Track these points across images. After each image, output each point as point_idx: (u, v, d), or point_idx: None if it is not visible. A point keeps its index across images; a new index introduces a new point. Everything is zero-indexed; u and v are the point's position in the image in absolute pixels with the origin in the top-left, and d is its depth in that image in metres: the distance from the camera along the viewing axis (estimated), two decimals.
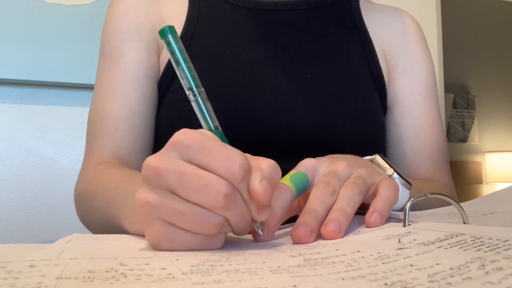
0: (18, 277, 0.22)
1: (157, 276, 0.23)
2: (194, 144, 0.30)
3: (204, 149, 0.30)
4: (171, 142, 0.31)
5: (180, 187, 0.29)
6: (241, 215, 0.31)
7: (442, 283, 0.20)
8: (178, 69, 0.36)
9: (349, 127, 0.63)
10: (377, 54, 0.71)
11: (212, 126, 0.36)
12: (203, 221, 0.30)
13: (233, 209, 0.30)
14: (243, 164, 0.30)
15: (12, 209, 1.44)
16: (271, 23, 0.67)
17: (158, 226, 0.31)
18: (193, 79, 0.36)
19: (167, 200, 0.30)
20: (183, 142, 0.30)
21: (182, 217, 0.30)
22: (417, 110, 0.71)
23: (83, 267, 0.25)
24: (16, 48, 1.41)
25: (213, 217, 0.30)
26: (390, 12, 0.76)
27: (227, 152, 0.30)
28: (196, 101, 0.36)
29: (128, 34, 0.65)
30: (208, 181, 0.29)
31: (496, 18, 3.82)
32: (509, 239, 0.26)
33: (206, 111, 0.36)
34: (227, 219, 0.31)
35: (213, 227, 0.30)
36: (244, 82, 0.61)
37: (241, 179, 0.30)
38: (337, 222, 0.35)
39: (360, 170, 0.41)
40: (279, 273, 0.24)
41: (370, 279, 0.22)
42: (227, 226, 0.31)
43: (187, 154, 0.30)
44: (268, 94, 0.62)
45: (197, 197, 0.29)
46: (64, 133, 1.50)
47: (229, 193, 0.29)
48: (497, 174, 3.49)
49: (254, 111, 0.60)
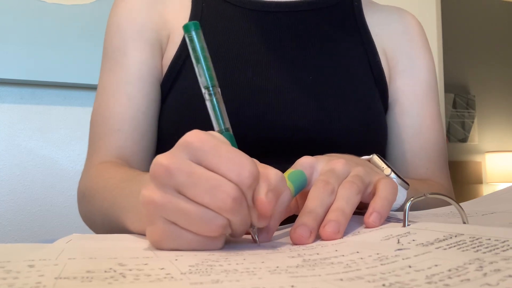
0: (17, 277, 0.22)
1: (155, 276, 0.23)
2: (206, 146, 0.30)
3: (215, 152, 0.30)
4: (181, 143, 0.31)
5: (189, 187, 0.30)
6: (243, 219, 0.31)
7: (440, 284, 0.20)
8: (197, 66, 0.36)
9: (351, 128, 0.63)
10: (379, 55, 0.71)
11: (224, 128, 0.36)
12: (207, 223, 0.30)
13: (238, 213, 0.30)
14: (253, 171, 0.30)
15: (12, 209, 1.44)
16: (274, 24, 0.67)
17: (160, 225, 0.31)
18: (211, 79, 0.36)
19: (173, 199, 0.30)
20: (194, 144, 0.30)
21: (186, 217, 0.30)
22: (417, 110, 0.71)
23: (82, 267, 0.25)
24: (16, 48, 1.41)
25: (218, 219, 0.30)
26: (392, 12, 0.76)
27: (238, 157, 0.30)
28: (210, 101, 0.36)
29: (130, 34, 0.65)
30: (218, 183, 0.29)
31: (496, 18, 3.82)
32: (507, 239, 0.27)
33: (220, 111, 0.36)
34: (230, 222, 0.31)
35: (216, 229, 0.30)
36: (246, 83, 0.61)
37: (249, 185, 0.30)
38: (336, 223, 0.35)
39: (358, 168, 0.41)
40: (277, 273, 0.24)
41: (368, 280, 0.22)
42: (228, 229, 0.31)
43: (198, 155, 0.30)
44: (270, 95, 0.62)
45: (205, 198, 0.29)
46: (64, 133, 1.50)
47: (237, 197, 0.29)
48: (497, 174, 3.49)
49: (256, 112, 0.61)
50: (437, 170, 0.71)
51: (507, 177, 3.44)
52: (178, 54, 0.65)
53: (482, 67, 3.72)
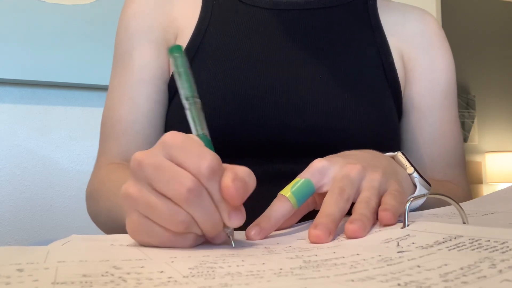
0: (9, 282, 0.21)
1: (158, 280, 0.23)
2: (176, 143, 0.32)
3: (181, 147, 0.32)
4: (159, 141, 0.33)
5: (155, 180, 0.31)
6: (207, 214, 0.32)
7: (458, 282, 0.20)
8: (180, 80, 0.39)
9: (360, 129, 0.61)
10: (394, 55, 0.68)
11: (201, 133, 0.38)
12: (170, 216, 0.31)
13: (198, 206, 0.31)
14: (212, 163, 0.31)
15: (12, 209, 1.44)
16: (285, 23, 0.66)
17: (135, 218, 0.33)
18: (191, 90, 0.38)
19: (145, 193, 0.32)
20: (167, 141, 0.32)
21: (154, 211, 0.31)
22: (435, 114, 0.69)
23: (76, 271, 0.24)
24: (16, 48, 1.41)
25: (180, 214, 0.31)
26: (408, 11, 0.73)
27: (199, 151, 0.32)
28: (190, 109, 0.38)
29: (137, 36, 0.66)
30: (176, 174, 0.31)
31: (496, 18, 3.82)
32: (507, 241, 0.26)
33: (198, 118, 0.38)
34: (194, 218, 0.32)
35: (179, 224, 0.31)
36: (255, 83, 0.60)
37: (208, 175, 0.31)
38: (361, 222, 0.36)
39: (373, 176, 0.41)
40: (283, 275, 0.24)
41: (381, 280, 0.21)
42: (194, 226, 0.32)
43: (169, 151, 0.32)
44: (279, 94, 0.60)
45: (165, 189, 0.31)
46: (64, 133, 1.50)
47: (193, 188, 0.30)
48: (497, 174, 3.48)
49: (264, 113, 0.59)
50: (456, 175, 0.69)
51: (507, 177, 3.43)
52: (186, 53, 0.64)
53: (482, 67, 3.72)
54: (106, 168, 0.62)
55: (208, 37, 0.64)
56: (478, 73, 3.71)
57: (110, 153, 0.64)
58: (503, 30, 3.84)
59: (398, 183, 0.43)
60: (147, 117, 0.64)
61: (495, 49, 3.79)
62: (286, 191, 0.40)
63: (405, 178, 0.47)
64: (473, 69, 3.69)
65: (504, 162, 3.48)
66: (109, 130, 0.65)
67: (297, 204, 0.40)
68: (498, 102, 3.80)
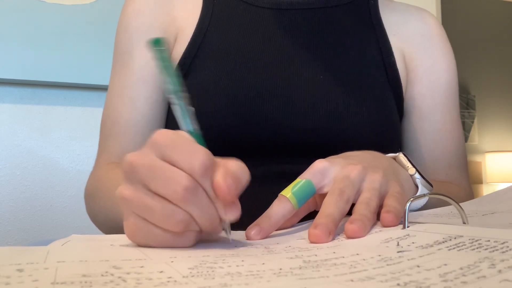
0: (9, 282, 0.22)
1: (158, 280, 0.23)
2: (166, 141, 0.32)
3: (173, 146, 0.32)
4: (149, 141, 0.33)
5: (150, 180, 0.31)
6: (204, 211, 0.32)
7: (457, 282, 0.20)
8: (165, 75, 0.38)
9: (362, 130, 0.60)
10: (395, 55, 0.68)
11: (191, 129, 0.37)
12: (168, 217, 0.31)
13: (195, 204, 0.31)
14: (205, 161, 0.31)
15: (12, 209, 1.44)
16: (286, 22, 0.65)
17: (132, 220, 0.32)
18: (179, 84, 0.38)
19: (140, 194, 0.31)
20: (158, 141, 0.32)
21: (151, 212, 0.31)
22: (437, 114, 0.68)
23: (76, 271, 0.24)
24: (16, 48, 1.41)
25: (177, 213, 0.31)
26: (410, 11, 0.73)
27: (191, 148, 0.32)
28: (179, 104, 0.38)
29: (137, 36, 0.66)
30: (171, 174, 0.31)
31: (496, 18, 3.82)
32: (507, 241, 0.26)
33: (187, 114, 0.37)
34: (192, 216, 0.31)
35: (178, 223, 0.31)
36: (256, 83, 0.60)
37: (202, 173, 0.31)
38: (361, 222, 0.36)
39: (374, 177, 0.41)
40: (283, 275, 0.24)
41: (380, 280, 0.22)
42: (193, 224, 0.32)
43: (161, 151, 0.32)
44: (279, 95, 0.60)
45: (161, 189, 0.31)
46: (64, 133, 1.50)
47: (189, 186, 0.30)
48: (497, 174, 3.48)
49: (265, 113, 0.59)
50: (457, 175, 0.69)
51: (507, 177, 3.43)
52: (187, 52, 0.64)
53: (482, 67, 3.72)
54: (104, 167, 0.62)
55: (208, 37, 0.64)
56: (478, 73, 3.71)
57: (110, 152, 0.64)
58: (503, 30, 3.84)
59: (399, 184, 0.43)
60: (146, 117, 0.64)
61: (495, 49, 3.79)
62: (287, 192, 0.40)
63: (406, 179, 0.47)
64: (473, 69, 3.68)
65: (504, 162, 3.48)
66: (108, 129, 0.65)
67: (297, 205, 0.40)
68: (498, 102, 3.80)
